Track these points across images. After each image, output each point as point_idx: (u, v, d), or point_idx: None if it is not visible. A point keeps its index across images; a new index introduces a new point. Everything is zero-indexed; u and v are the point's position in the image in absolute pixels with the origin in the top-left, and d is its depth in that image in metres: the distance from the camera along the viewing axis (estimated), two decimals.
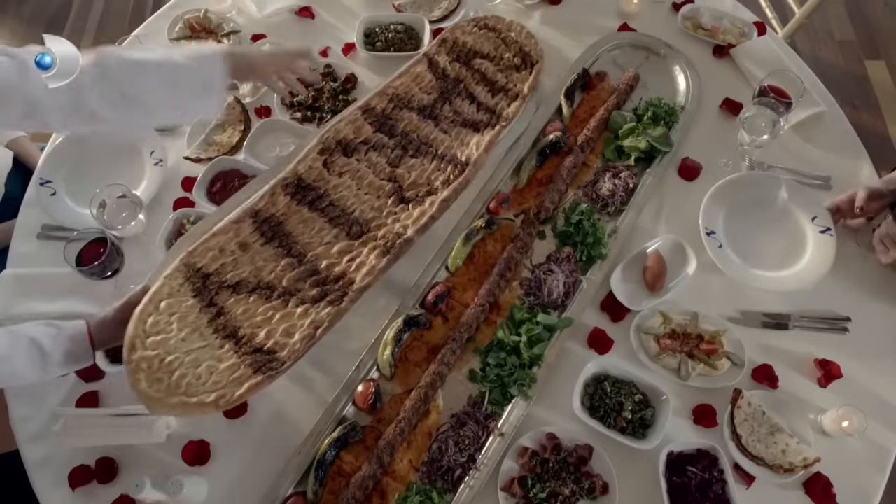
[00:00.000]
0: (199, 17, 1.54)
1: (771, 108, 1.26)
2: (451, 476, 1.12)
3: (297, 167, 1.29)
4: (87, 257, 1.13)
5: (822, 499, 1.11)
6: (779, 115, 1.26)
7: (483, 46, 1.49)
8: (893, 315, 1.27)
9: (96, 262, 1.10)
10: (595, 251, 1.28)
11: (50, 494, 1.11)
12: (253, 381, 1.05)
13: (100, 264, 1.11)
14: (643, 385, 1.18)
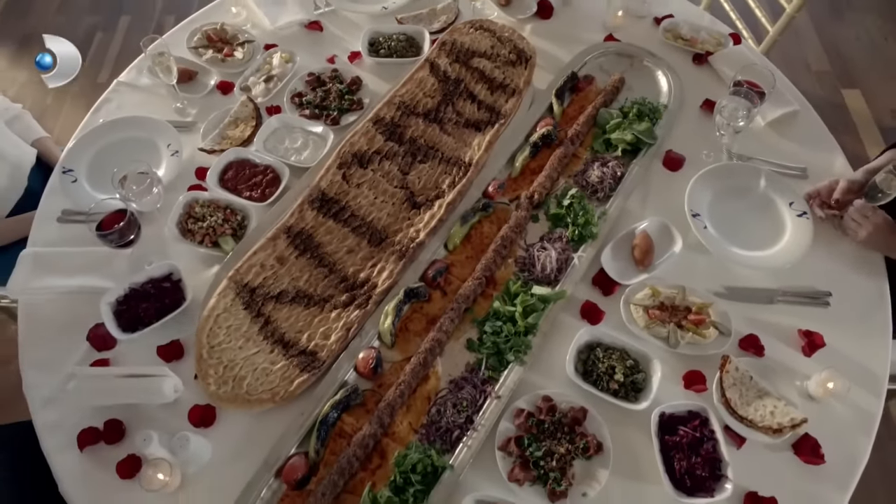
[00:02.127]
0: (217, 28, 1.66)
1: (745, 97, 1.36)
2: (450, 437, 1.15)
3: (320, 183, 1.41)
4: (107, 225, 1.20)
5: (811, 458, 1.14)
6: (752, 104, 1.36)
7: (480, 45, 1.61)
8: (871, 288, 1.33)
9: (115, 228, 1.17)
10: (586, 231, 1.35)
11: (59, 456, 1.14)
12: (300, 379, 1.19)
13: (118, 231, 1.18)
14: (634, 352, 1.22)
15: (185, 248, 1.33)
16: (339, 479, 1.09)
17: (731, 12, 2.03)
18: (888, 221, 1.31)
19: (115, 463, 1.12)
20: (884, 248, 1.33)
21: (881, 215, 1.31)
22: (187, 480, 1.12)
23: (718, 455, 1.12)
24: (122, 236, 1.20)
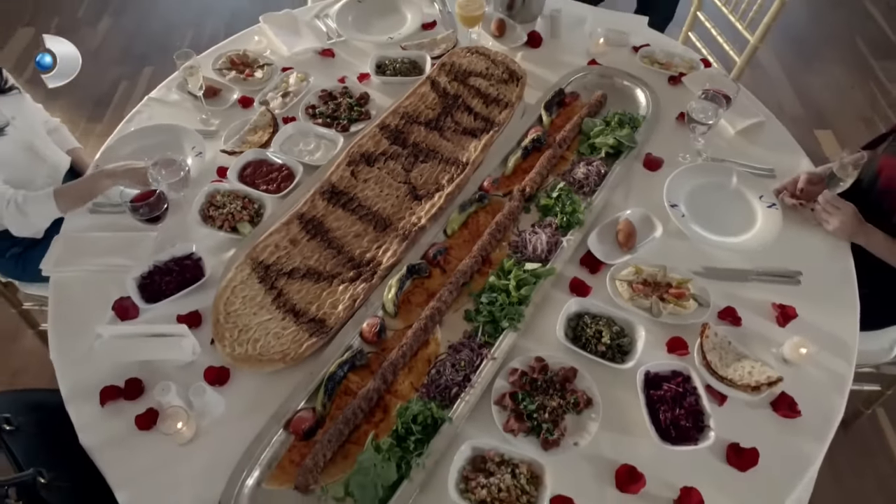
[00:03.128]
0: (240, 53, 1.85)
1: (712, 101, 1.52)
2: (449, 393, 1.22)
3: (331, 177, 1.55)
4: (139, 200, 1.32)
5: (788, 413, 1.21)
6: (719, 105, 1.51)
7: (476, 66, 1.79)
8: (838, 269, 1.44)
9: (146, 201, 1.29)
10: (573, 218, 1.47)
11: (80, 410, 1.21)
12: (309, 342, 1.28)
13: (148, 205, 1.30)
14: (619, 319, 1.32)
15: (206, 232, 1.45)
16: (344, 429, 1.16)
17: (702, 48, 2.24)
18: (856, 213, 1.43)
19: (134, 416, 1.20)
20: (852, 236, 1.45)
21: (850, 207, 1.43)
22: (201, 432, 1.19)
23: (701, 408, 1.19)
24: (152, 210, 1.32)
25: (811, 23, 3.59)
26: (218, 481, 1.11)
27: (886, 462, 1.98)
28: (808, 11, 3.66)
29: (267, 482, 1.13)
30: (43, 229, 1.48)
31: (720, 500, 1.12)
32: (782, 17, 1.93)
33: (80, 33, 3.41)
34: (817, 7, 3.71)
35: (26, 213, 1.42)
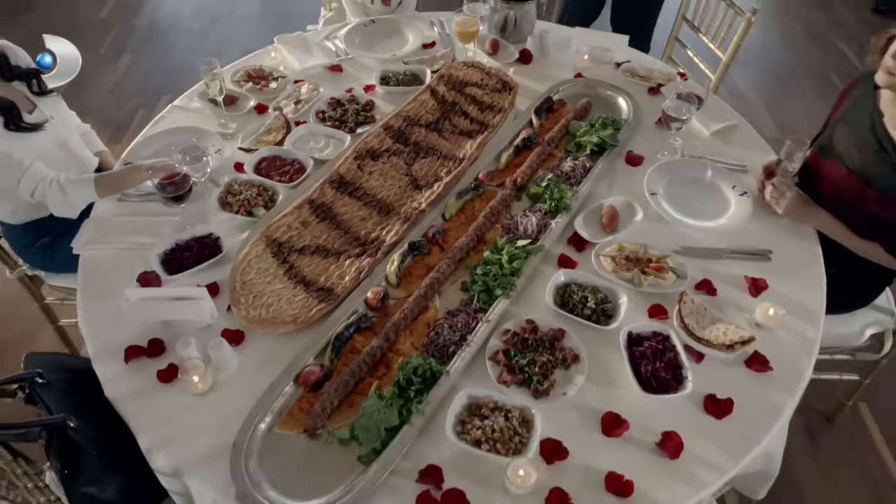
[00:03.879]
0: (256, 68, 2.03)
1: (686, 100, 1.68)
2: (446, 351, 1.33)
3: (339, 169, 1.69)
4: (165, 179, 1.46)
5: (761, 368, 1.31)
6: (691, 103, 1.67)
7: (472, 77, 1.96)
8: (806, 248, 1.56)
9: (172, 180, 1.43)
10: (561, 204, 1.60)
11: (106, 367, 1.31)
12: (318, 307, 1.39)
13: (174, 184, 1.44)
14: (604, 288, 1.43)
15: (224, 216, 1.58)
16: (350, 380, 1.26)
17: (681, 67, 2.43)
18: (801, 195, 1.57)
19: (156, 371, 1.30)
20: (800, 217, 1.58)
21: (794, 190, 1.57)
22: (217, 385, 1.28)
23: (679, 363, 1.29)
24: (178, 189, 1.46)
25: (789, 59, 3.82)
26: (232, 427, 1.20)
27: (870, 453, 2.05)
28: (787, 49, 3.91)
29: (278, 427, 1.22)
30: (78, 211, 1.60)
31: (698, 442, 1.21)
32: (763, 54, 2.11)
33: (102, 70, 3.63)
34: (795, 45, 3.96)
35: (66, 194, 1.55)
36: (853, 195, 1.53)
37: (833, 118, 1.68)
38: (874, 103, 1.52)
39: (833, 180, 1.58)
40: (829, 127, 1.67)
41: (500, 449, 1.16)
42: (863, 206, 1.52)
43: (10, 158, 1.52)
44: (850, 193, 1.53)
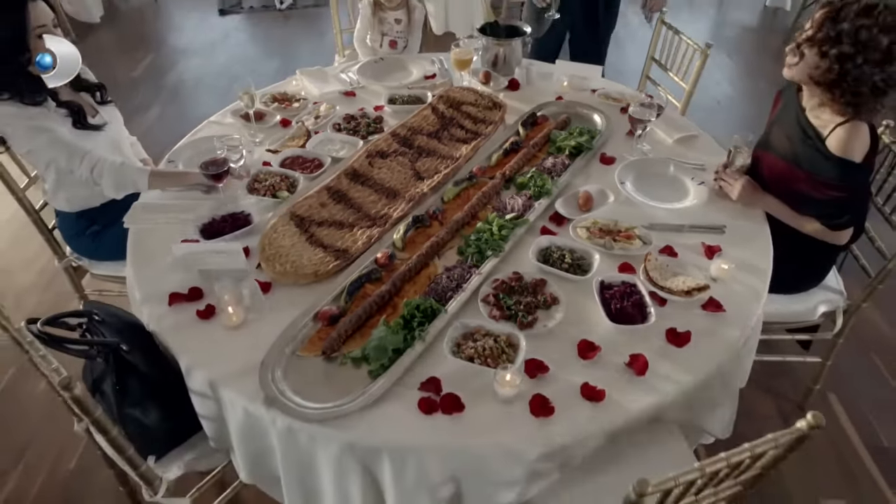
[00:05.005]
0: (280, 93, 2.35)
1: (648, 106, 1.98)
2: (445, 295, 1.54)
3: (352, 164, 1.97)
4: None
5: (715, 309, 1.52)
6: (653, 109, 1.97)
7: (467, 98, 2.28)
8: (754, 222, 1.80)
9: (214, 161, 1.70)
10: (543, 189, 1.86)
11: (152, 309, 1.52)
12: (334, 263, 1.63)
13: (215, 163, 1.71)
14: (580, 250, 1.66)
15: (252, 199, 1.84)
16: (362, 314, 1.48)
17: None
18: (750, 181, 1.83)
19: (195, 311, 1.51)
20: (750, 201, 1.83)
21: (745, 178, 1.83)
22: (247, 322, 1.49)
23: (644, 302, 1.51)
24: (218, 168, 1.73)
25: (754, 111, 4.20)
26: (260, 351, 1.40)
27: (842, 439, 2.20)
28: (753, 104, 4.30)
29: (300, 351, 1.42)
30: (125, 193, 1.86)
31: (661, 364, 1.40)
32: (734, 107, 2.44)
33: (134, 119, 3.99)
34: (763, 100, 4.35)
35: (123, 175, 1.82)
36: (788, 178, 1.79)
37: (770, 120, 1.97)
38: (798, 101, 1.81)
39: (772, 168, 1.85)
40: (767, 127, 1.96)
41: (490, 363, 1.36)
42: (797, 188, 1.77)
43: (75, 145, 1.80)
44: (786, 177, 1.80)
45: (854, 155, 1.68)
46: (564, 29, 3.02)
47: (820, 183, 1.73)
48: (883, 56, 1.59)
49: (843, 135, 1.68)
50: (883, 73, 1.60)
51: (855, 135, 1.67)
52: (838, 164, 1.69)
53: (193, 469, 1.58)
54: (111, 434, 1.30)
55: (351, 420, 1.28)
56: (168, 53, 4.85)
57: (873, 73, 1.60)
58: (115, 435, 1.31)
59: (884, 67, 1.59)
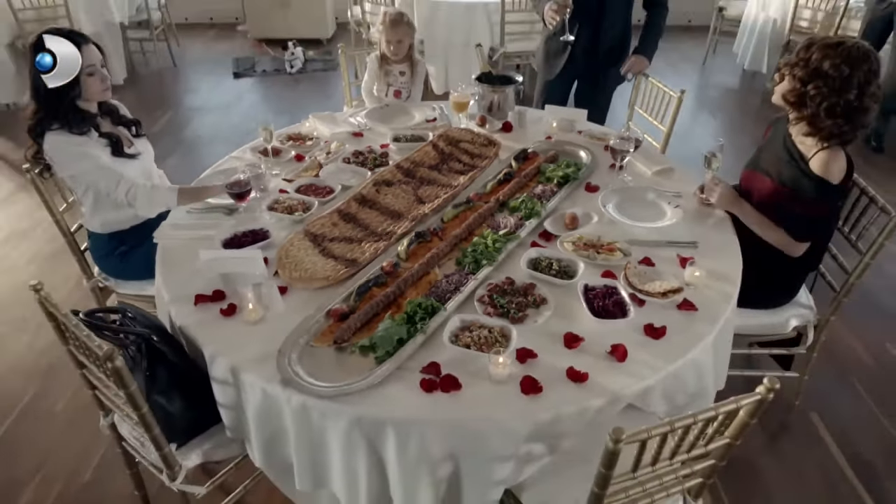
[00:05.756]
0: (294, 133, 2.59)
1: (626, 139, 2.21)
2: (444, 297, 1.71)
3: (361, 190, 2.18)
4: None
5: (688, 308, 1.69)
6: (631, 142, 2.19)
7: (464, 136, 2.52)
8: (724, 239, 1.98)
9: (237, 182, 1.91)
10: (533, 212, 2.06)
11: (179, 308, 1.68)
12: (344, 270, 1.81)
13: (238, 184, 1.91)
14: (566, 259, 1.84)
15: (271, 219, 2.03)
16: (369, 311, 1.64)
17: None
18: (729, 188, 2.04)
19: (219, 309, 1.67)
20: (729, 206, 2.03)
21: (725, 184, 2.04)
22: (266, 319, 1.65)
23: (624, 301, 1.67)
24: (241, 188, 1.93)
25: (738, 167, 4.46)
26: (277, 342, 1.55)
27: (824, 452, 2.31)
28: (739, 159, 4.56)
29: (314, 341, 1.57)
30: (157, 211, 2.06)
31: (639, 353, 1.55)
32: None
33: None
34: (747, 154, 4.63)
35: (154, 195, 2.03)
36: (771, 193, 2.00)
37: (760, 146, 2.19)
38: (786, 129, 2.04)
39: (759, 184, 2.06)
40: (757, 151, 2.19)
41: (484, 349, 1.51)
42: (778, 201, 1.98)
43: (113, 170, 2.02)
44: (769, 192, 2.01)
45: (832, 177, 1.89)
46: (572, 79, 3.28)
47: (798, 198, 1.94)
48: (842, 84, 1.83)
49: (824, 158, 1.89)
50: (840, 98, 1.83)
51: (833, 159, 1.89)
52: (817, 182, 1.90)
53: (210, 458, 1.70)
54: (142, 410, 1.44)
55: (359, 397, 1.42)
56: (185, 111, 5.17)
57: (832, 98, 1.83)
58: (145, 411, 1.45)
59: (841, 94, 1.83)
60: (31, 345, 2.71)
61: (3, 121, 4.88)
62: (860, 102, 1.83)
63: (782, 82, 1.97)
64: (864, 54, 1.84)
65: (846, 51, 1.83)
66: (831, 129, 1.88)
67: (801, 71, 1.89)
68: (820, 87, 1.85)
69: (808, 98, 1.88)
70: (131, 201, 2.04)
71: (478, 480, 1.46)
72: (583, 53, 3.07)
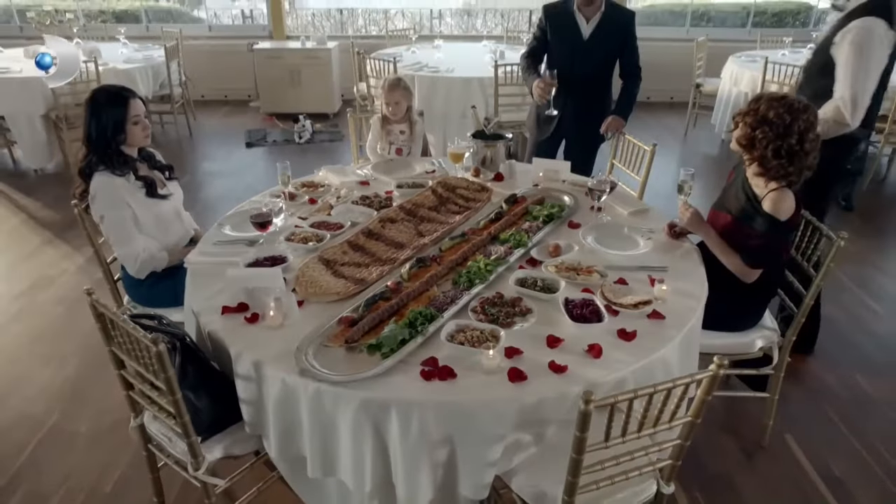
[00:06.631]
0: (307, 181, 2.89)
1: (603, 182, 2.50)
2: (442, 308, 1.94)
3: (368, 226, 2.46)
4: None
5: (657, 317, 1.92)
6: (607, 184, 2.49)
7: (460, 184, 2.82)
8: (691, 266, 2.24)
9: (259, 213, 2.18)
10: (521, 242, 2.32)
11: (208, 317, 1.91)
12: (353, 287, 2.05)
13: (261, 215, 2.18)
14: (550, 279, 2.08)
15: (288, 247, 2.29)
16: (376, 318, 1.87)
17: None
18: (698, 212, 2.30)
19: (243, 318, 1.90)
20: (696, 228, 2.29)
21: (694, 209, 2.30)
22: (284, 326, 1.87)
23: (600, 310, 1.90)
24: (263, 218, 2.19)
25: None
26: (296, 342, 1.77)
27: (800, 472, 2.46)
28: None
29: (327, 342, 1.79)
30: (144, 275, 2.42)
31: (613, 352, 1.77)
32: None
33: None
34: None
35: (149, 264, 2.37)
36: (731, 227, 2.27)
37: (724, 187, 2.48)
38: (744, 173, 2.33)
39: (722, 221, 2.33)
40: (722, 192, 2.47)
41: (477, 346, 1.73)
42: (736, 232, 2.25)
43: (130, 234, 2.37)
44: (729, 226, 2.28)
45: (780, 214, 2.16)
46: (560, 138, 3.66)
47: (753, 231, 2.20)
48: (784, 130, 2.13)
49: (774, 198, 2.17)
50: (783, 141, 2.13)
51: (781, 199, 2.17)
52: (768, 219, 2.17)
53: (230, 453, 1.87)
54: (177, 396, 1.64)
55: (367, 384, 1.63)
56: (201, 175, 5.54)
57: (777, 142, 2.13)
58: (179, 397, 1.65)
59: (784, 139, 2.13)
60: (55, 375, 2.90)
61: (32, 184, 5.23)
62: (801, 147, 2.13)
63: (736, 129, 2.28)
64: (804, 107, 2.16)
65: (788, 103, 2.15)
66: (777, 169, 2.17)
67: (750, 118, 2.21)
68: (766, 131, 2.16)
69: (757, 141, 2.18)
70: (123, 263, 2.37)
71: (472, 462, 1.65)
72: (570, 118, 3.45)
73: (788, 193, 2.19)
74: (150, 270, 2.41)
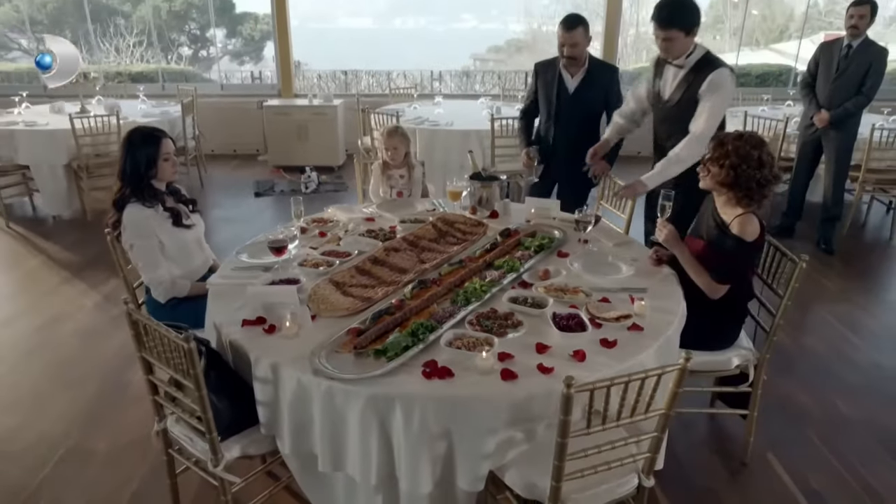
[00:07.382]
0: (317, 217, 3.14)
1: (588, 214, 2.74)
2: (441, 321, 2.14)
3: (374, 253, 2.69)
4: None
5: (636, 329, 2.11)
6: (592, 217, 2.73)
7: (458, 219, 3.07)
8: (666, 289, 2.45)
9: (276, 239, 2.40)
10: (513, 268, 2.54)
11: (229, 329, 2.11)
12: (360, 304, 2.26)
13: (277, 241, 2.41)
14: (539, 297, 2.29)
15: (301, 270, 2.50)
16: (381, 328, 2.06)
17: None
18: (674, 231, 2.52)
19: (261, 329, 2.09)
20: (672, 245, 2.50)
21: (670, 227, 2.52)
22: (299, 336, 2.06)
23: (584, 322, 2.10)
24: (280, 243, 2.42)
25: None
26: (310, 348, 1.96)
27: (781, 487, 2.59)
28: None
29: (337, 349, 1.98)
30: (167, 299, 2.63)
31: (597, 357, 1.96)
32: None
33: None
34: None
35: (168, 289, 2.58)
36: (702, 249, 2.49)
37: (698, 217, 2.72)
38: (713, 203, 2.57)
39: (695, 245, 2.55)
40: (695, 221, 2.71)
41: (473, 350, 1.92)
42: (706, 255, 2.47)
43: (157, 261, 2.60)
44: (701, 248, 2.50)
45: (746, 236, 2.39)
46: (553, 181, 3.98)
47: (722, 252, 2.43)
48: (757, 163, 2.38)
49: (741, 221, 2.41)
50: (760, 173, 2.38)
51: (748, 223, 2.40)
52: (735, 241, 2.40)
53: (246, 452, 2.03)
54: (203, 392, 1.82)
55: (373, 382, 1.82)
56: (211, 222, 5.79)
57: (755, 174, 2.38)
58: (205, 393, 1.83)
59: (760, 170, 2.38)
60: (74, 399, 3.05)
61: (50, 229, 5.49)
62: (761, 174, 2.38)
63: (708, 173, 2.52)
64: (760, 141, 2.42)
65: (748, 139, 2.42)
66: (751, 196, 2.41)
67: (731, 160, 2.45)
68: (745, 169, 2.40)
69: (741, 179, 2.42)
70: (149, 285, 2.58)
71: (468, 454, 1.81)
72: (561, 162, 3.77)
73: (753, 218, 2.42)
74: (172, 296, 2.61)
